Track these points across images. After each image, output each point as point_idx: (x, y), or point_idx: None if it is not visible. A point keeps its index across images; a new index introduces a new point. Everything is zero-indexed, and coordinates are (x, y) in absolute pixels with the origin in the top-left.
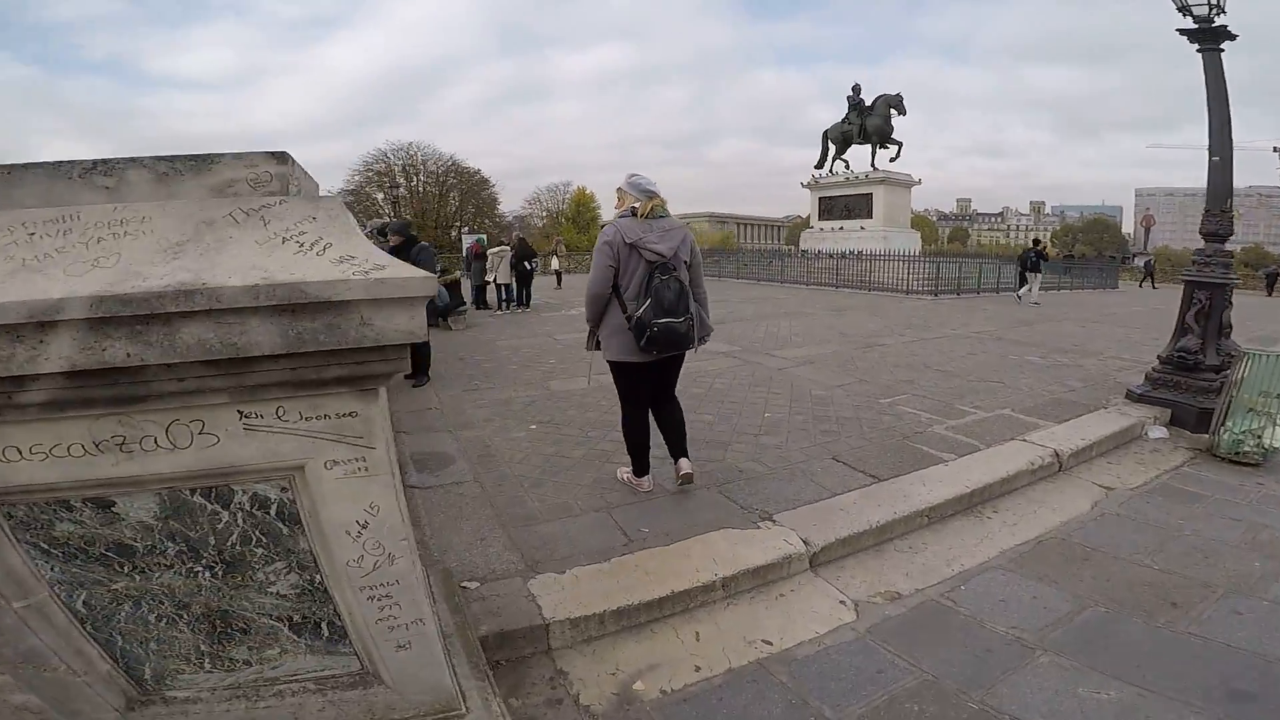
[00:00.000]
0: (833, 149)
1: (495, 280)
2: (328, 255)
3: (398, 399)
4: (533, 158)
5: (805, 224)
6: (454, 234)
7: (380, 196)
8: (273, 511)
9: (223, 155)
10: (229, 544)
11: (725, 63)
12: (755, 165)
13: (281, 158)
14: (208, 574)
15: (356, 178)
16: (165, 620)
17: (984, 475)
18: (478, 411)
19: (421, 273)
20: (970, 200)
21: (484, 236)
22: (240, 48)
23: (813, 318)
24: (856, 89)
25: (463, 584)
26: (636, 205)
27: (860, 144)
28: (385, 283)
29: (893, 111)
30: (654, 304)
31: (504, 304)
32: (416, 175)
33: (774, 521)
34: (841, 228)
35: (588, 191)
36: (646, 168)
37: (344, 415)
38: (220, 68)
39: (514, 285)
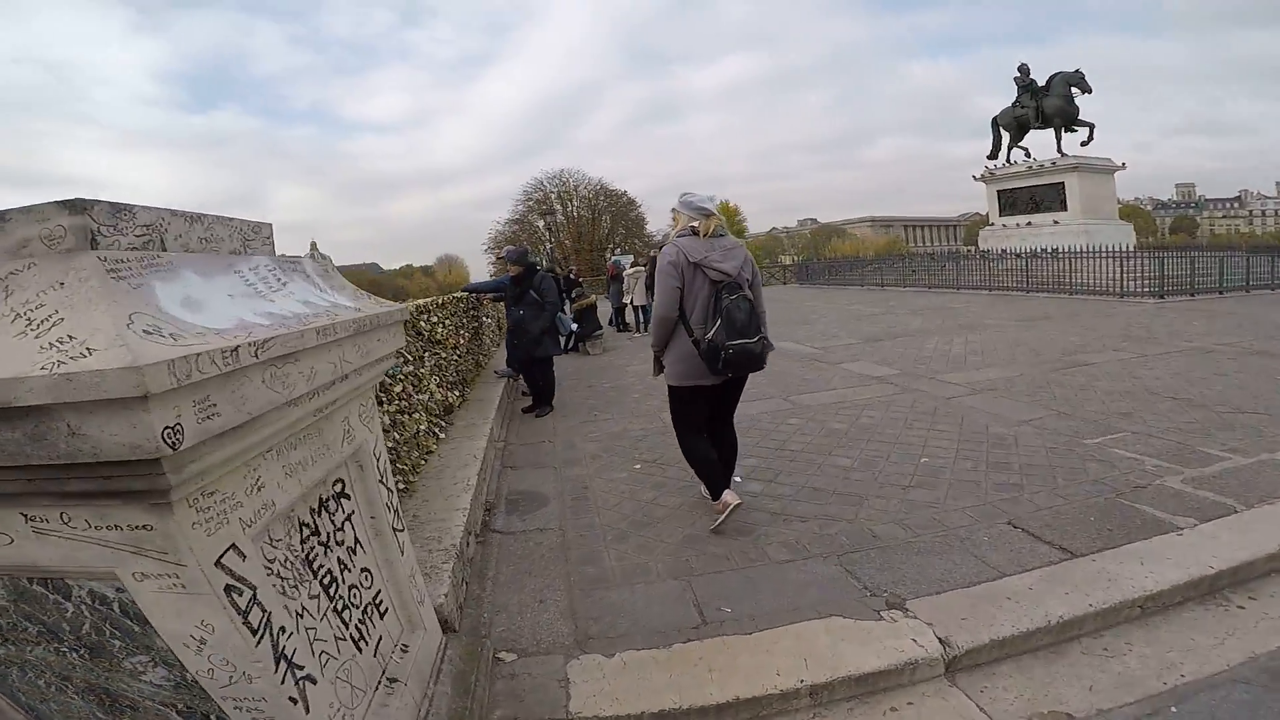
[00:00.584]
0: (1006, 136)
1: (632, 302)
2: (45, 337)
3: (518, 430)
4: (675, 175)
5: (984, 221)
6: (607, 256)
7: (541, 224)
8: (116, 609)
9: (11, 211)
10: (84, 631)
11: (866, 59)
12: (919, 162)
13: (76, 206)
14: (74, 655)
15: (520, 207)
16: (54, 687)
17: (1237, 550)
18: (588, 445)
19: (126, 362)
20: (1194, 185)
21: (626, 258)
22: (412, 91)
23: (996, 330)
24: (1024, 69)
25: (499, 654)
26: (695, 224)
27: (1040, 128)
28: (75, 380)
29: (1074, 90)
30: (726, 325)
31: (641, 326)
32: (570, 201)
33: (905, 610)
34: (1029, 223)
35: (730, 205)
36: (796, 175)
37: (138, 528)
38: (398, 111)
39: (651, 306)
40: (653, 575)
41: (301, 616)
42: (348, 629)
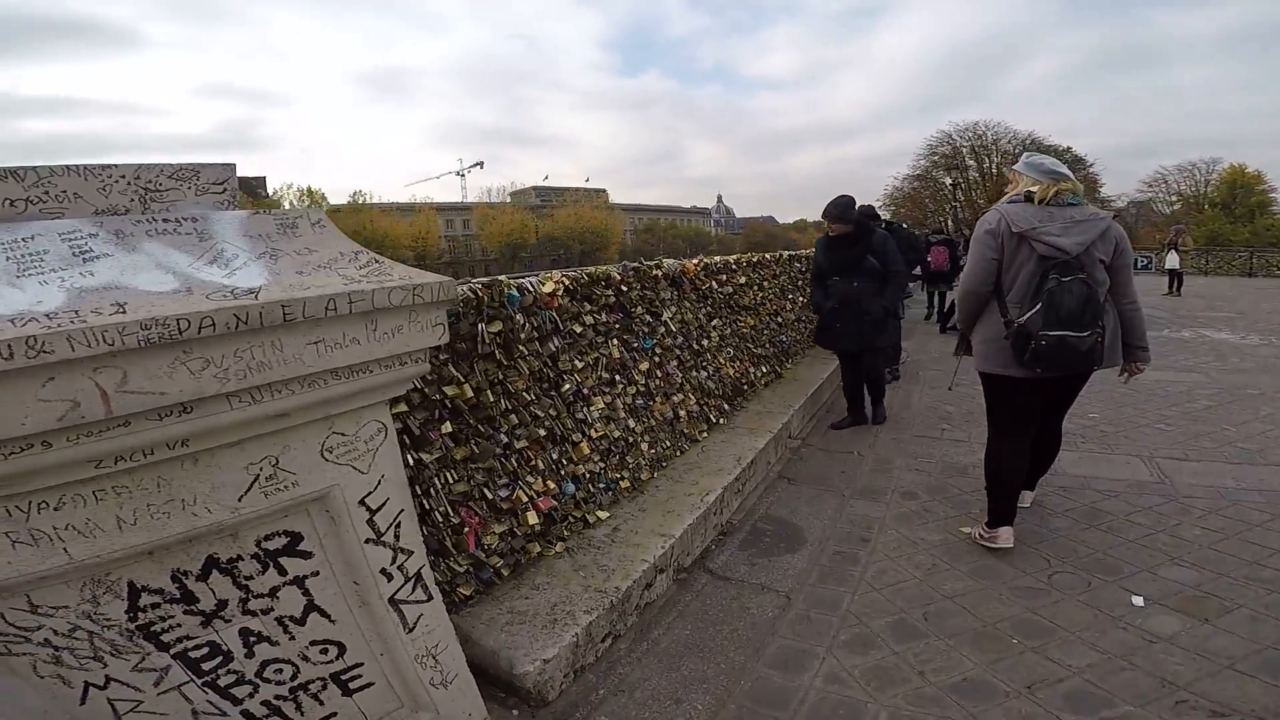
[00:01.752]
0: None
1: None
2: None
3: (827, 435)
4: (1149, 133)
5: None
6: None
7: (948, 181)
8: None
9: None
10: None
11: None
12: None
13: None
14: None
15: (922, 162)
16: None
17: None
18: (907, 476)
19: None
20: None
21: None
22: (801, 47)
23: None
24: None
25: None
26: (1033, 189)
27: None
28: None
29: None
30: (1047, 310)
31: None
32: (987, 156)
33: None
34: None
35: (1249, 170)
36: None
37: None
38: (790, 67)
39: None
40: None
41: (104, 688)
42: (237, 704)
